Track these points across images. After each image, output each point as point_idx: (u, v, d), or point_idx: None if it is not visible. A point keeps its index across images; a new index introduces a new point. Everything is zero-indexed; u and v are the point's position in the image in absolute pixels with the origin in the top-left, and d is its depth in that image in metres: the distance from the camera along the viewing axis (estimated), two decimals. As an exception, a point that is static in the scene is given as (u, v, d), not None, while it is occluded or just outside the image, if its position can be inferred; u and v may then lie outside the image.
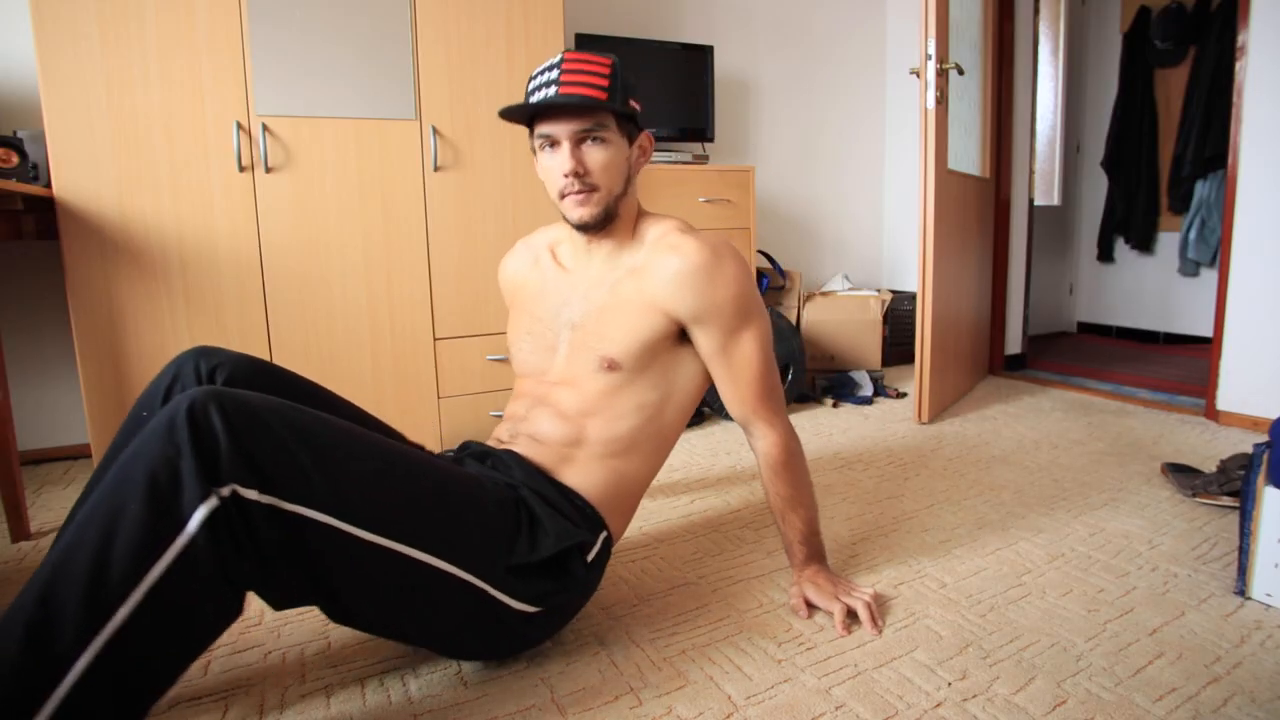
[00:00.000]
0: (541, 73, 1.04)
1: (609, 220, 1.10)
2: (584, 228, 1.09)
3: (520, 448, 1.11)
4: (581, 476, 1.09)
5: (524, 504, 1.01)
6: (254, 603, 1.24)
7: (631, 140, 1.11)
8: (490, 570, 0.92)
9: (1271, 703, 0.93)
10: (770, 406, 1.15)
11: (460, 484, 0.96)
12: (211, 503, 0.72)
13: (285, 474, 0.77)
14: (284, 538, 0.77)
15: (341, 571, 0.83)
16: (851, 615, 1.14)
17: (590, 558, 1.05)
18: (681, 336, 1.12)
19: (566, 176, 1.04)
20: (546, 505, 1.02)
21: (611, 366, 1.08)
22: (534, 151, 1.09)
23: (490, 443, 1.18)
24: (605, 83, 1.03)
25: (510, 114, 1.05)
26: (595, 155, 1.04)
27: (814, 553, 1.21)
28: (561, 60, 1.03)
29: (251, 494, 0.74)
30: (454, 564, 0.89)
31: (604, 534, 1.08)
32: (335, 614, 0.89)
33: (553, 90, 1.01)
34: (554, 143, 1.04)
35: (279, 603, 0.85)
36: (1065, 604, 1.19)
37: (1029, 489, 1.72)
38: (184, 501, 0.71)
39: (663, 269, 1.07)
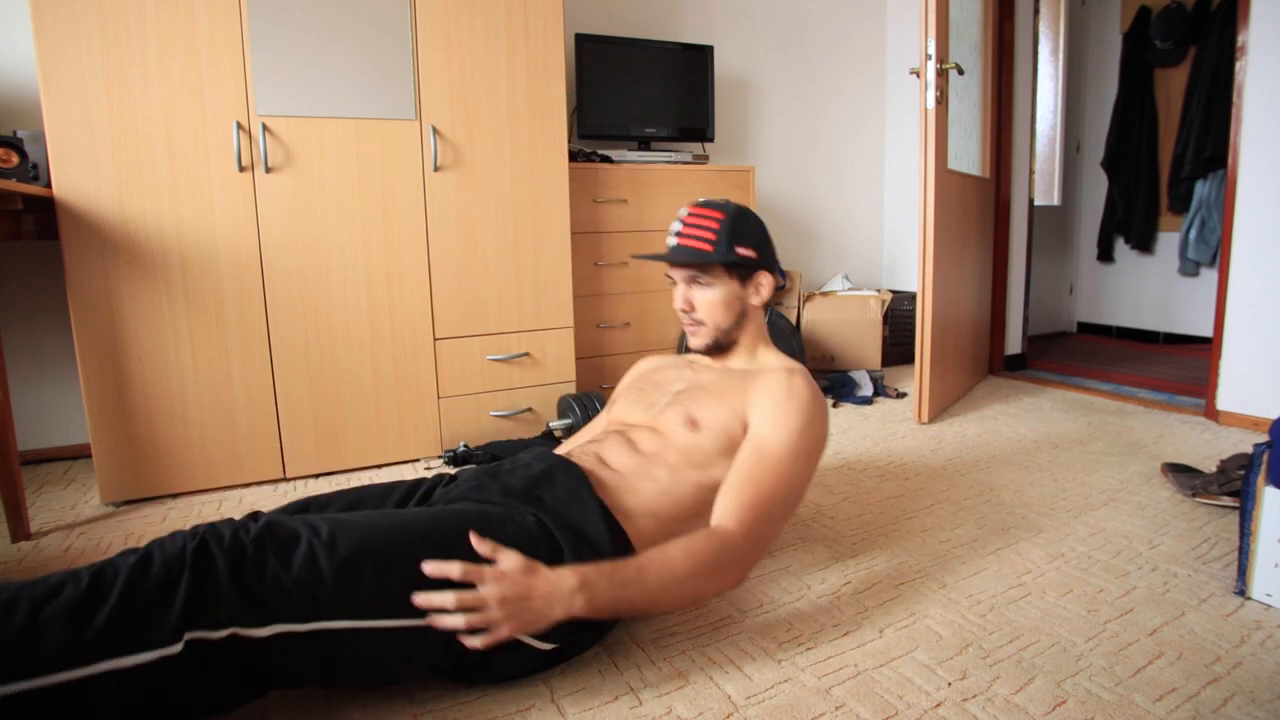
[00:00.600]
0: (675, 221, 1.26)
1: (721, 349, 1.28)
2: (701, 353, 1.30)
3: (588, 465, 1.14)
4: (632, 507, 1.09)
5: (553, 540, 0.99)
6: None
7: (745, 280, 1.25)
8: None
9: (1271, 703, 0.93)
10: (750, 523, 1.04)
11: (458, 537, 0.93)
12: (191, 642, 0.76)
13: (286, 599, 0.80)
14: (299, 653, 0.81)
15: (349, 658, 0.86)
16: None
17: None
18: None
19: (680, 310, 1.26)
20: (581, 541, 1.00)
21: (693, 425, 1.17)
22: None
23: (561, 450, 1.24)
24: (713, 235, 1.20)
25: (645, 258, 1.31)
26: (701, 296, 1.24)
27: (590, 584, 0.91)
28: (685, 214, 1.25)
29: (260, 631, 0.79)
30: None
31: None
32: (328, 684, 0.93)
33: (674, 241, 1.24)
34: (675, 282, 1.27)
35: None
36: (1065, 604, 1.19)
37: (1029, 489, 1.72)
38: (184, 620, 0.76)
39: (763, 383, 1.18)
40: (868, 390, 2.69)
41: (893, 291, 3.25)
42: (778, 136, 3.26)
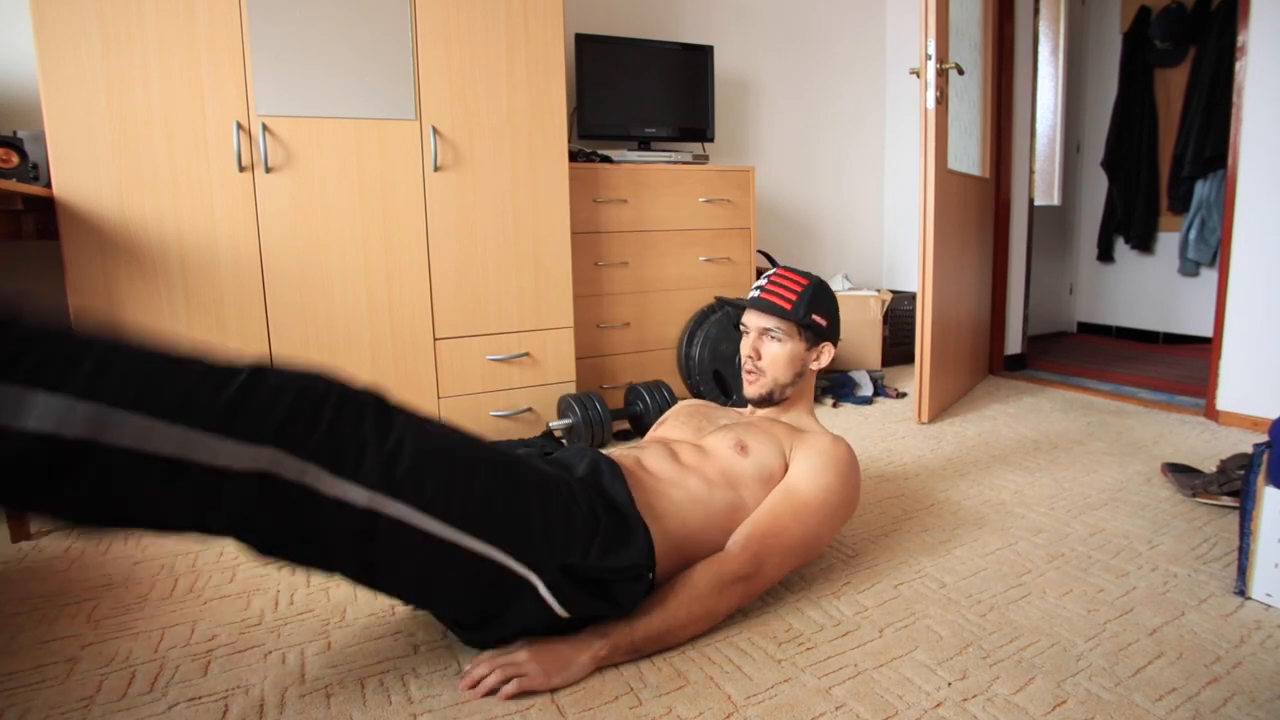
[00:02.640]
0: (761, 278, 1.37)
1: (771, 402, 1.36)
2: (752, 403, 1.38)
3: (626, 464, 1.16)
4: (660, 510, 1.11)
5: (597, 511, 1.02)
6: (254, 602, 1.24)
7: (810, 346, 1.34)
8: (542, 562, 0.94)
9: (1271, 703, 0.93)
10: (757, 549, 1.11)
11: (529, 476, 0.99)
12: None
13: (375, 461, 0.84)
14: (352, 526, 0.84)
15: (391, 552, 0.87)
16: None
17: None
18: None
19: (745, 357, 1.35)
20: (618, 519, 1.04)
21: (742, 449, 1.22)
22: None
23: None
24: (794, 298, 1.31)
25: (731, 305, 1.41)
26: (768, 347, 1.33)
27: (622, 648, 1.02)
28: (772, 273, 1.36)
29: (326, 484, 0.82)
30: (505, 552, 0.92)
31: (649, 563, 1.06)
32: (361, 579, 0.92)
33: (756, 294, 1.34)
34: (746, 332, 1.36)
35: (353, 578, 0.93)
36: (1065, 604, 1.19)
37: (1029, 489, 1.72)
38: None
39: (811, 440, 1.27)
40: (868, 390, 2.69)
41: (893, 291, 3.25)
42: (778, 136, 3.26)
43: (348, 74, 1.86)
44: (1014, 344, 3.21)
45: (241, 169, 1.77)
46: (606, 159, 2.47)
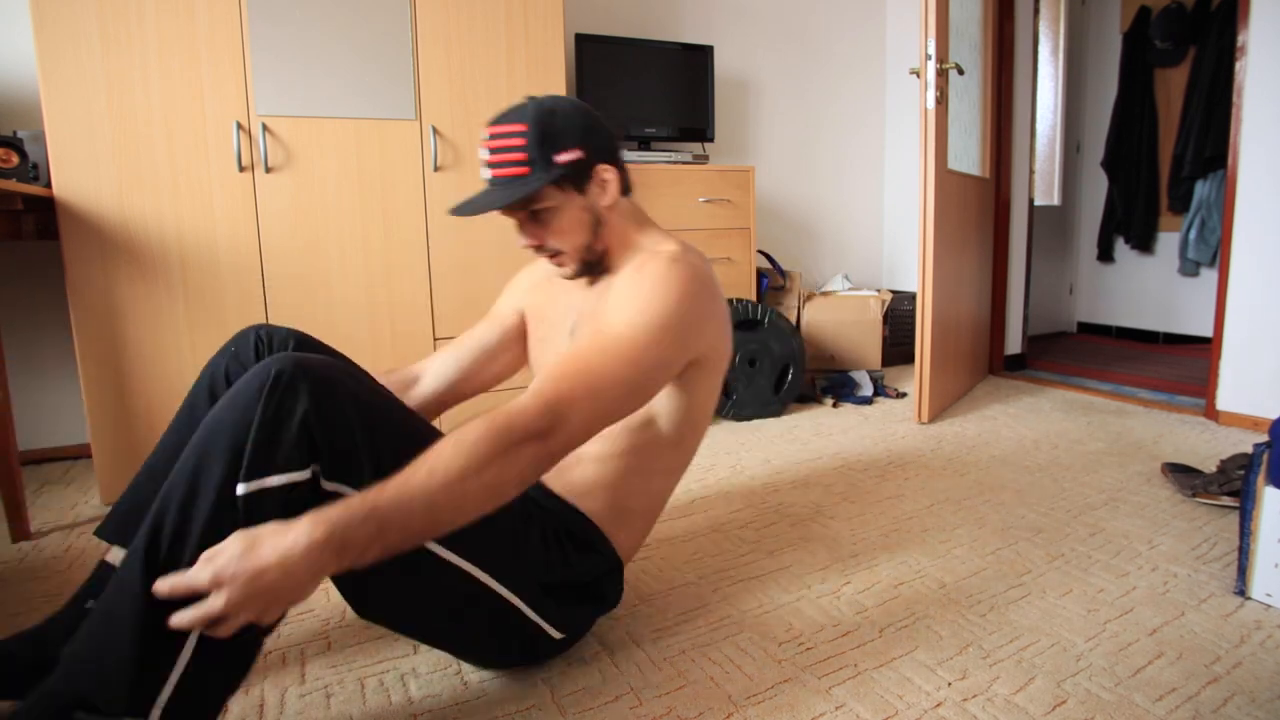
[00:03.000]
0: (481, 150, 1.02)
1: (594, 269, 1.08)
2: (574, 280, 1.10)
3: None
4: (580, 493, 1.05)
5: (544, 521, 0.99)
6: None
7: (583, 185, 1.02)
8: (525, 586, 0.91)
9: (1271, 703, 0.93)
10: (555, 391, 0.84)
11: None
12: (290, 476, 0.74)
13: (353, 463, 0.77)
14: None
15: (391, 572, 0.80)
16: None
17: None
18: None
19: (532, 249, 1.06)
20: (559, 522, 1.01)
21: None
22: None
23: None
24: (523, 156, 0.97)
25: (459, 213, 1.03)
26: (545, 227, 1.02)
27: (337, 523, 0.69)
28: (486, 138, 1.00)
29: (328, 485, 0.76)
30: (496, 578, 0.88)
31: (611, 551, 1.05)
32: (361, 608, 0.88)
33: (488, 173, 1.00)
34: (516, 219, 1.04)
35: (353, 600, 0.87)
36: (1065, 604, 1.19)
37: (1029, 489, 1.72)
38: (266, 471, 0.73)
39: (621, 274, 1.03)
40: (868, 390, 2.69)
41: (893, 291, 3.25)
42: (778, 136, 3.26)
43: (348, 74, 1.86)
44: (1014, 344, 3.21)
45: (241, 169, 1.77)
46: (606, 159, 2.47)
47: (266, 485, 0.73)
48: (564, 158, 0.99)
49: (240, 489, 0.72)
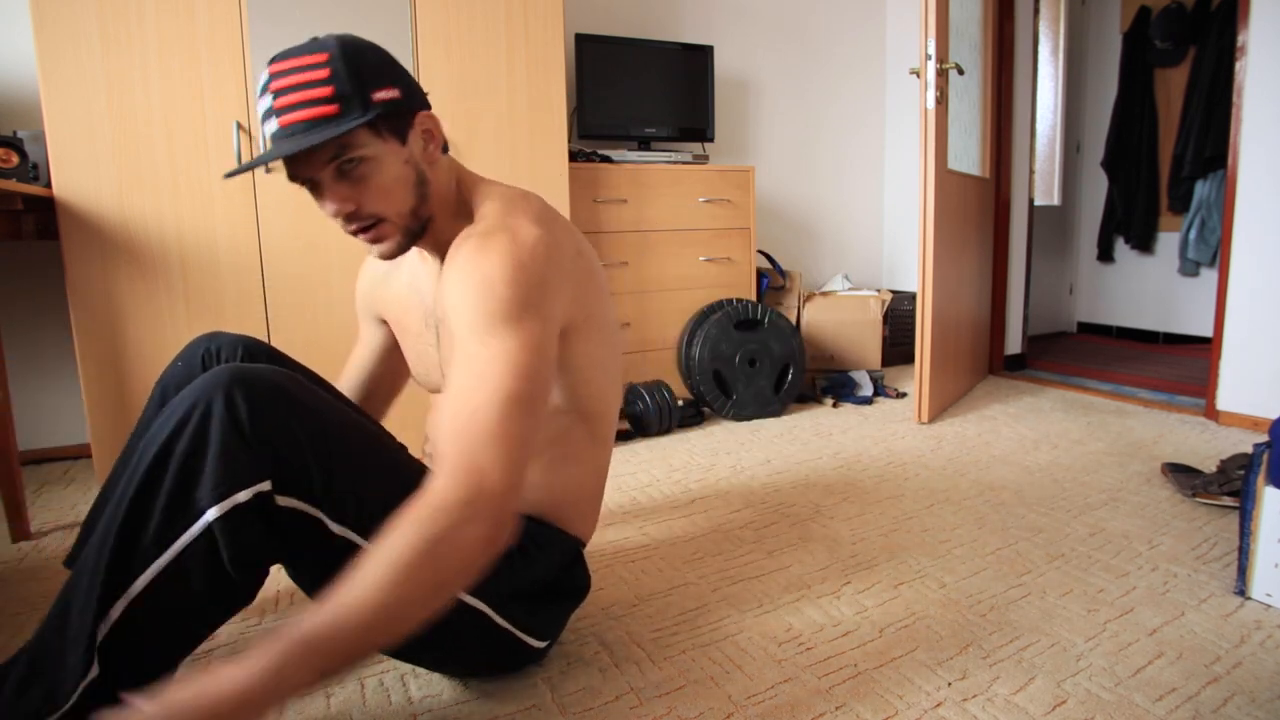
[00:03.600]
0: (262, 96, 0.79)
1: (419, 237, 0.89)
2: (394, 258, 0.89)
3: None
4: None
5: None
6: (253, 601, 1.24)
7: (404, 135, 0.84)
8: (494, 595, 0.89)
9: (1271, 703, 0.93)
10: (473, 458, 0.72)
11: None
12: (235, 499, 0.72)
13: (302, 476, 0.75)
14: (304, 539, 0.77)
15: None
16: None
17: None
18: None
19: (341, 220, 0.83)
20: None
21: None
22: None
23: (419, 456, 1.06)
24: (329, 90, 0.76)
25: (244, 173, 0.87)
26: (361, 185, 0.81)
27: (291, 652, 0.62)
28: (268, 79, 0.78)
29: (282, 500, 0.75)
30: (469, 592, 0.86)
31: (569, 543, 1.03)
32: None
33: (274, 124, 0.78)
34: (313, 184, 0.82)
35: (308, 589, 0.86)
36: (1065, 604, 1.19)
37: (1029, 489, 1.72)
38: (199, 496, 0.72)
39: (447, 271, 0.84)
40: (868, 390, 2.69)
41: (893, 291, 3.25)
42: (778, 136, 3.26)
43: (348, 74, 1.86)
44: (1014, 344, 3.21)
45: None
46: (606, 159, 2.47)
47: (237, 502, 0.72)
48: (382, 95, 0.80)
49: (211, 514, 0.71)
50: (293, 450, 0.74)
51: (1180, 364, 3.22)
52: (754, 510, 1.63)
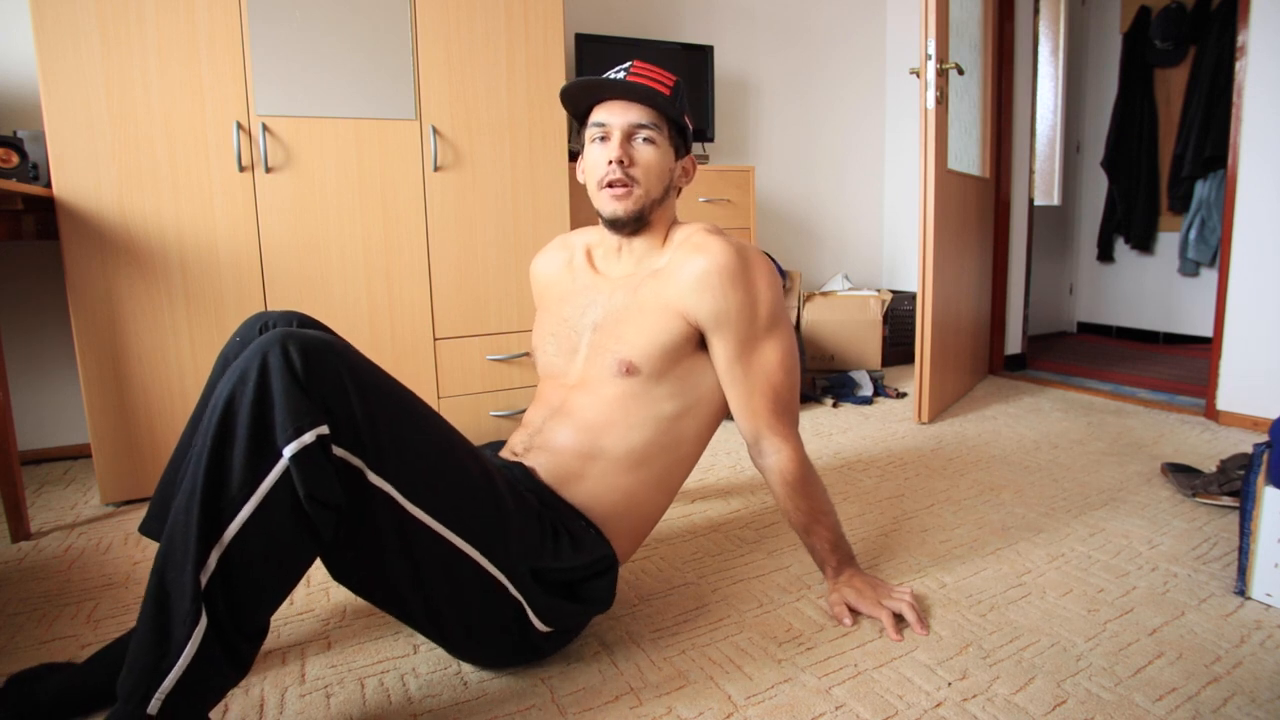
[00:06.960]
0: (606, 73, 1.08)
1: (642, 223, 1.09)
2: (616, 224, 1.08)
3: (532, 461, 1.09)
4: (589, 494, 1.06)
5: (544, 515, 1.00)
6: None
7: (679, 156, 1.12)
8: (514, 568, 0.91)
9: (1271, 703, 0.93)
10: (786, 422, 1.12)
11: (497, 476, 0.95)
12: (303, 440, 0.74)
13: (349, 426, 0.79)
14: (346, 486, 0.79)
15: (386, 539, 0.84)
16: (899, 619, 1.13)
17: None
18: (702, 344, 1.08)
19: (611, 164, 1.05)
20: (559, 518, 1.02)
21: (629, 370, 1.04)
22: (582, 147, 1.13)
23: (505, 454, 1.14)
24: (669, 91, 1.07)
25: (573, 92, 1.09)
26: (642, 153, 1.06)
27: (845, 558, 1.19)
28: (630, 65, 1.08)
29: (338, 451, 0.78)
30: (485, 555, 0.89)
31: (607, 553, 1.05)
32: (342, 576, 0.89)
33: (622, 75, 1.06)
34: (605, 136, 1.07)
35: (334, 568, 0.88)
36: (1065, 604, 1.19)
37: (1029, 489, 1.72)
38: (276, 437, 0.74)
39: (684, 270, 1.04)
40: (868, 390, 2.69)
41: (893, 291, 3.25)
42: (778, 136, 3.26)
43: (348, 74, 1.86)
44: (1014, 344, 3.21)
45: (241, 169, 1.77)
46: (606, 159, 2.47)
47: (305, 443, 0.74)
48: (688, 121, 1.12)
49: (289, 450, 0.74)
50: (341, 401, 0.79)
51: (1180, 364, 3.23)
52: (754, 511, 1.63)
